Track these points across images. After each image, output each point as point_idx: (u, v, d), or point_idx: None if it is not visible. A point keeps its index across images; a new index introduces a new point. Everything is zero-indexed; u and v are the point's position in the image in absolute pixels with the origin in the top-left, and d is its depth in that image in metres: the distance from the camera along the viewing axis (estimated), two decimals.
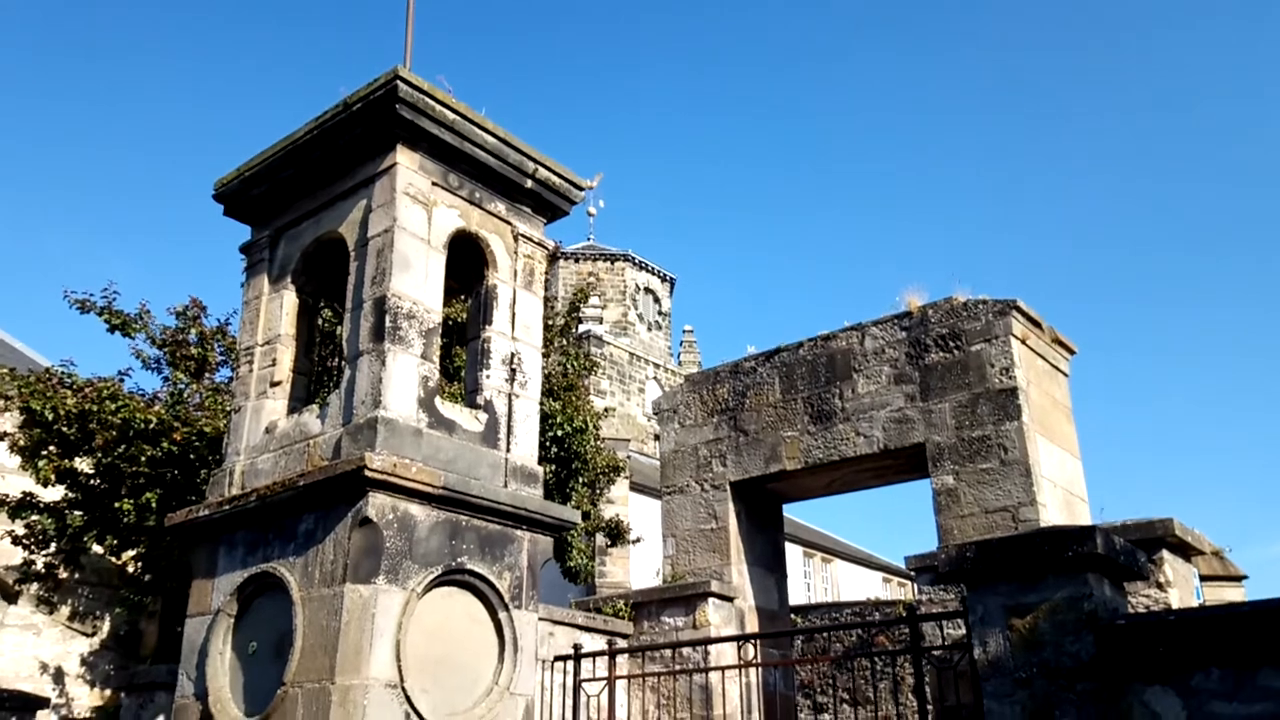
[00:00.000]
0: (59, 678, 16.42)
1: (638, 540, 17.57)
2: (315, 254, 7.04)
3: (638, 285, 48.32)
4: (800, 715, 13.19)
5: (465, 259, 6.96)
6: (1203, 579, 9.99)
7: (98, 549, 13.57)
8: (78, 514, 12.66)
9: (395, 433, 5.86)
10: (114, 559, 14.89)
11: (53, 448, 12.40)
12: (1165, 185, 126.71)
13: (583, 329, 38.19)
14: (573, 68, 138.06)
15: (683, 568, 11.70)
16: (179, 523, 6.69)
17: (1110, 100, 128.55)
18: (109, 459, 12.06)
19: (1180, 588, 8.27)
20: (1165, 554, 8.24)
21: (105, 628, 17.19)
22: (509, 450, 6.57)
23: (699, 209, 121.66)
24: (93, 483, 12.59)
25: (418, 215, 6.41)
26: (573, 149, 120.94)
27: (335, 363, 6.48)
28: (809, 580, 35.41)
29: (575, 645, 7.98)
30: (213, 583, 6.42)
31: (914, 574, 10.91)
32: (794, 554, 33.59)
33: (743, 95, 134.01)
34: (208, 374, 13.94)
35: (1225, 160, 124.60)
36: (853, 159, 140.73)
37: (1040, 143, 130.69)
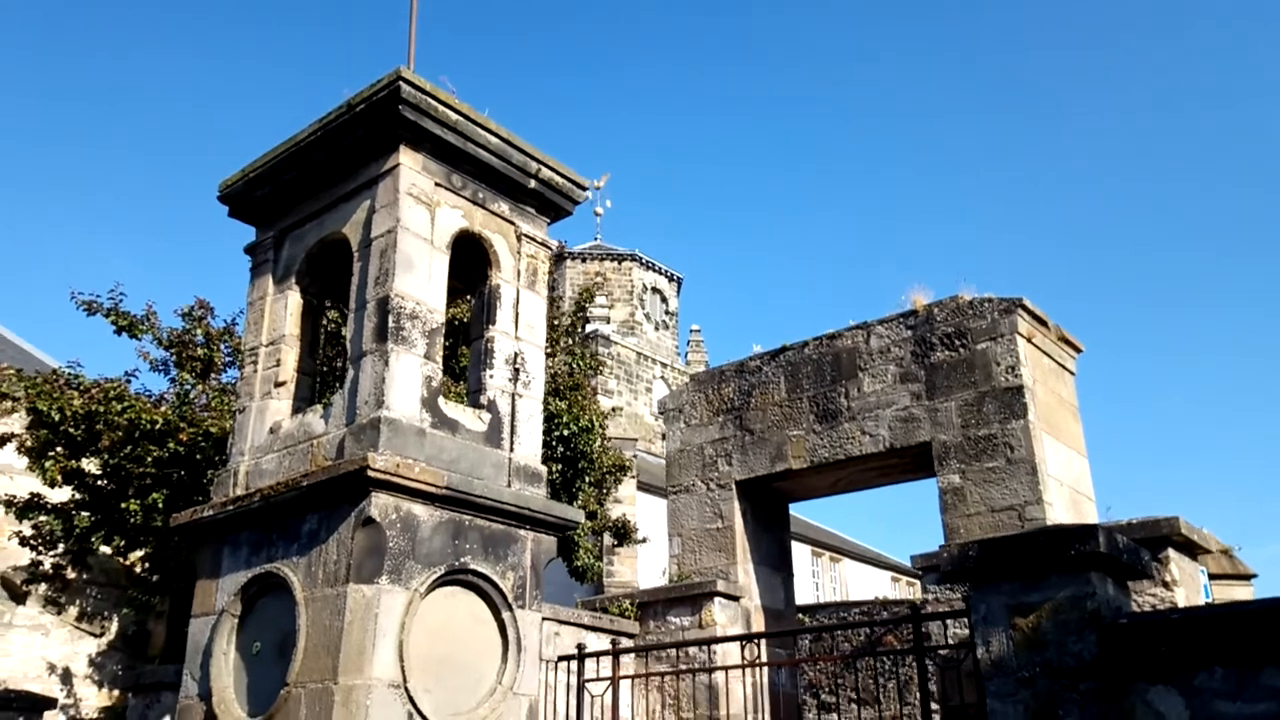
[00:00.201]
0: (67, 678, 16.46)
1: (644, 540, 17.54)
2: (319, 255, 7.06)
3: (645, 285, 48.25)
4: (808, 715, 13.18)
5: (469, 259, 6.96)
6: (1211, 577, 9.93)
7: (105, 550, 13.59)
8: (85, 515, 12.67)
9: (398, 433, 5.86)
10: (121, 559, 14.93)
11: (60, 449, 12.43)
12: (1172, 185, 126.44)
13: (590, 329, 38.18)
14: (579, 68, 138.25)
15: (689, 567, 11.70)
16: (184, 523, 6.71)
17: (1117, 100, 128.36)
18: (116, 460, 12.07)
19: (1186, 586, 8.24)
20: (1171, 553, 8.21)
21: (113, 628, 17.23)
22: (512, 450, 6.57)
23: (706, 209, 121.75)
24: (100, 483, 12.60)
25: (421, 216, 6.42)
26: (580, 149, 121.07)
27: (341, 363, 6.48)
28: (817, 580, 35.34)
29: (579, 645, 7.98)
30: (217, 583, 6.44)
31: (921, 573, 10.90)
32: (802, 553, 33.54)
33: (748, 95, 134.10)
34: (214, 375, 13.94)
35: (1234, 159, 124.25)
36: (859, 159, 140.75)
37: (1047, 142, 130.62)
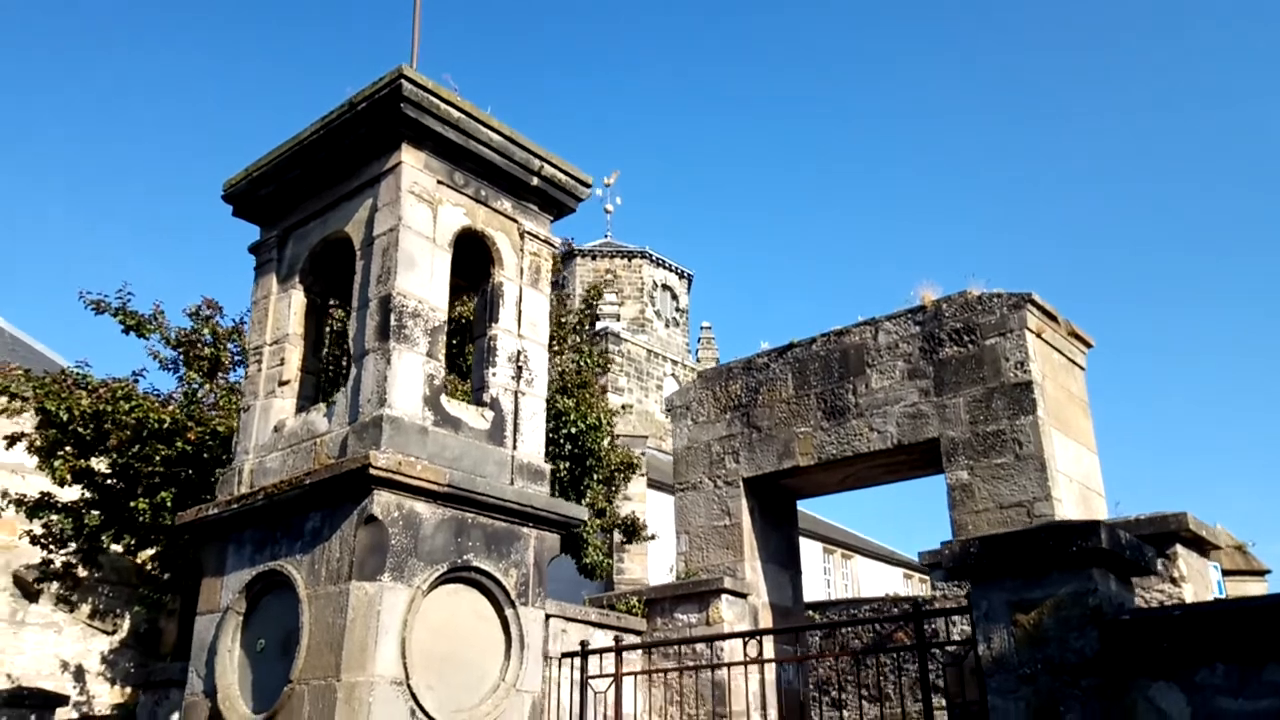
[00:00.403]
0: (80, 675, 16.57)
1: (653, 537, 17.55)
2: (323, 253, 7.07)
3: (655, 282, 48.19)
4: (820, 711, 13.16)
5: (472, 257, 6.96)
6: (1225, 573, 9.89)
7: (116, 548, 13.67)
8: (94, 513, 12.75)
9: (400, 431, 5.87)
10: (132, 558, 15.01)
11: (69, 448, 12.50)
12: (1183, 183, 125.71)
13: (600, 326, 38.18)
14: (591, 66, 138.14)
15: (696, 564, 11.68)
16: (189, 521, 6.73)
17: (1123, 99, 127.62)
18: (124, 459, 12.14)
19: (1195, 582, 8.20)
20: (1179, 548, 8.17)
21: (125, 626, 17.34)
22: (515, 448, 6.57)
23: (716, 206, 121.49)
24: (109, 482, 12.68)
25: (423, 214, 6.42)
26: (589, 146, 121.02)
27: (346, 362, 6.50)
28: (829, 577, 35.32)
29: (582, 642, 7.98)
30: (222, 580, 6.46)
31: (929, 570, 10.88)
32: (814, 550, 33.52)
33: (758, 95, 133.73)
34: (221, 374, 14.00)
35: (1243, 158, 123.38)
36: (866, 159, 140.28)
37: (1051, 142, 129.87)
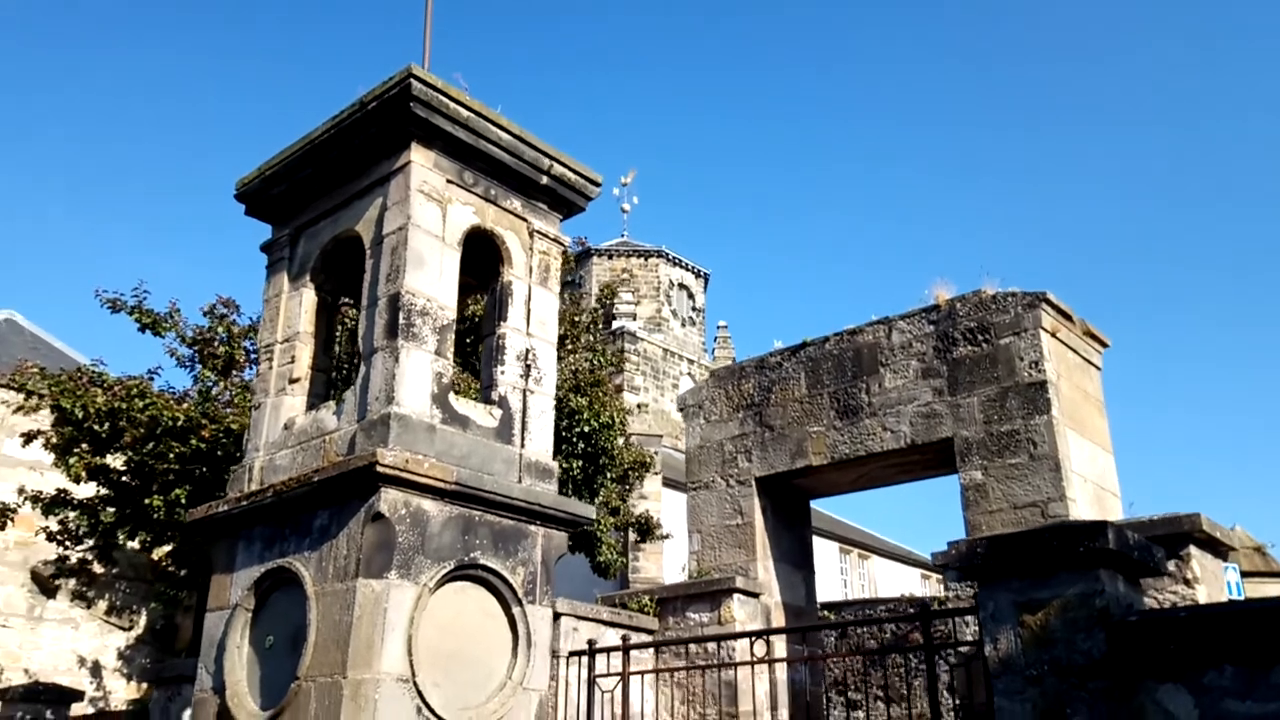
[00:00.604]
0: (96, 671, 16.69)
1: (668, 535, 17.54)
2: (334, 252, 7.11)
3: (671, 281, 48.11)
4: (834, 712, 13.11)
5: (481, 256, 6.98)
6: (1244, 575, 9.81)
7: (132, 545, 13.76)
8: (110, 510, 12.85)
9: (408, 429, 5.89)
10: (148, 554, 15.11)
11: (84, 445, 12.60)
12: (1207, 187, 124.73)
13: (616, 325, 38.20)
14: (609, 64, 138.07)
15: (708, 563, 11.67)
16: (199, 518, 6.78)
17: (1156, 102, 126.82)
18: (139, 456, 12.23)
19: (1208, 584, 8.13)
20: (1193, 550, 8.09)
21: (142, 622, 17.46)
22: (523, 446, 6.58)
23: (733, 206, 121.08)
24: (124, 479, 12.77)
25: (432, 213, 6.44)
26: (606, 146, 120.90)
27: (358, 360, 6.55)
28: (845, 577, 35.18)
29: (590, 641, 7.99)
30: (231, 577, 6.50)
31: (941, 570, 10.82)
32: (830, 550, 33.42)
33: (773, 93, 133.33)
34: (236, 371, 14.08)
35: (1254, 164, 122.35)
36: (883, 158, 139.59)
37: (1075, 143, 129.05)
